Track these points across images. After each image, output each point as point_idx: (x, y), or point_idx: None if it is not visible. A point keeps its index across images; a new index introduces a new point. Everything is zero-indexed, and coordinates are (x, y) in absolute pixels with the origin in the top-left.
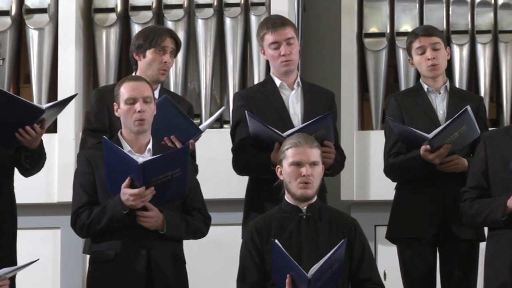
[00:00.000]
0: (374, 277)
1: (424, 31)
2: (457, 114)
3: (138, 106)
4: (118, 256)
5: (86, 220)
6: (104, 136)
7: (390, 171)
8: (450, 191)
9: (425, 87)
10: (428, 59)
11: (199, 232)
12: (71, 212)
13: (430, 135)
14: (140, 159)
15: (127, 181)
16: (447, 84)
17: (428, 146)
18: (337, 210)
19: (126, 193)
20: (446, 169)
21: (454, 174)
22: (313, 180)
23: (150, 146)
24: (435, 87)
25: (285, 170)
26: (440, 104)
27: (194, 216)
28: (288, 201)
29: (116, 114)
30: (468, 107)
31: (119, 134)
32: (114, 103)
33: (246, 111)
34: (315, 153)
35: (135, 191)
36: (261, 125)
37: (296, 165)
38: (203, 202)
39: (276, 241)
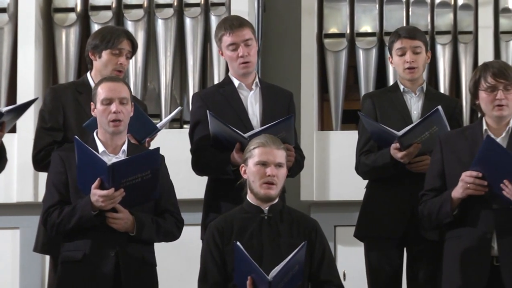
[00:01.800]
0: (334, 279)
1: (407, 33)
2: (428, 114)
3: (113, 107)
4: (86, 257)
5: (56, 220)
6: (76, 136)
7: (360, 169)
8: (418, 192)
9: (402, 87)
10: (407, 62)
11: (171, 235)
12: (43, 211)
13: (400, 133)
14: (114, 160)
15: (96, 182)
16: (424, 85)
17: (397, 144)
18: (298, 211)
19: (96, 194)
20: (415, 169)
21: (423, 174)
22: (277, 181)
23: (125, 147)
24: (411, 88)
25: (250, 169)
26: (414, 105)
27: (166, 219)
28: (250, 201)
29: (93, 113)
30: (439, 107)
31: (94, 134)
32: (91, 103)
33: (208, 111)
34: (281, 155)
35: (104, 192)
36: (223, 125)
37: (262, 164)
38: (176, 205)
39: (238, 243)
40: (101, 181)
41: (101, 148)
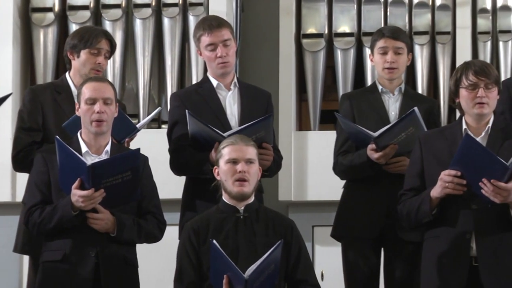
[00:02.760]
0: (310, 278)
1: (391, 33)
2: (404, 115)
3: (97, 107)
4: (66, 257)
5: (38, 219)
6: (57, 136)
7: (338, 169)
8: (396, 192)
9: (380, 87)
10: (387, 62)
11: (152, 236)
12: (24, 210)
13: (376, 134)
14: (97, 160)
15: (76, 183)
16: (402, 86)
17: (373, 145)
18: (274, 211)
19: (76, 194)
20: (393, 169)
21: (401, 175)
22: (249, 177)
23: (108, 147)
24: (389, 88)
25: (221, 169)
26: (392, 105)
27: (148, 220)
28: (226, 201)
29: (77, 113)
30: (415, 108)
31: (78, 134)
32: (76, 102)
33: (187, 111)
34: (250, 151)
35: (84, 192)
36: (202, 125)
37: (232, 162)
38: (159, 206)
39: (214, 241)
40: (82, 181)
41: (84, 148)
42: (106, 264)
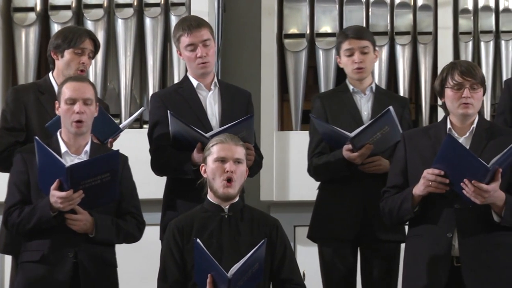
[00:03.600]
0: (295, 278)
1: (355, 33)
2: (379, 114)
3: (77, 107)
4: (45, 258)
5: (16, 219)
6: (36, 137)
7: (313, 170)
8: (371, 192)
9: (351, 87)
10: (355, 62)
11: (131, 236)
12: (4, 210)
13: (352, 134)
14: (76, 161)
15: (55, 184)
16: (373, 85)
17: (350, 146)
18: (259, 210)
19: (54, 195)
20: (368, 169)
21: (376, 175)
22: (236, 178)
23: (87, 148)
24: (360, 88)
25: (209, 167)
26: (364, 105)
27: (127, 220)
28: (211, 200)
29: (57, 112)
30: (391, 108)
31: (58, 134)
32: (56, 101)
33: (168, 111)
34: (239, 151)
35: (63, 194)
36: (184, 125)
37: (221, 161)
38: (139, 207)
39: (198, 240)
40: (60, 182)
41: (63, 148)
42: (84, 265)
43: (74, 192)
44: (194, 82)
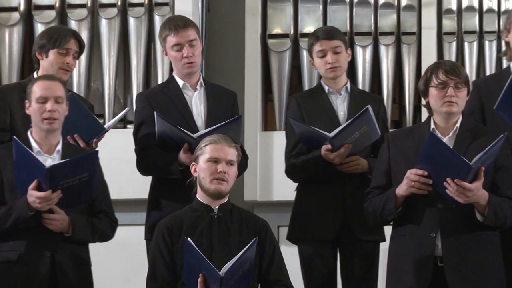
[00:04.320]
0: (283, 279)
1: (325, 34)
2: (358, 114)
3: (48, 106)
4: (22, 258)
5: None
6: (14, 137)
7: (291, 171)
8: (350, 192)
9: (326, 88)
10: (329, 63)
11: (105, 235)
12: None
13: (331, 134)
14: (49, 160)
15: (34, 184)
16: (348, 85)
17: (329, 146)
18: (247, 211)
19: (33, 195)
20: (346, 169)
21: (354, 174)
22: (228, 178)
23: (59, 147)
24: (335, 88)
25: (200, 167)
26: (340, 105)
27: (101, 219)
28: (200, 199)
29: (27, 112)
30: (369, 107)
31: (28, 133)
32: (26, 101)
33: (155, 112)
34: (232, 152)
35: (42, 194)
36: (171, 126)
37: (213, 161)
38: (111, 205)
39: (189, 239)
40: (39, 182)
41: (35, 147)
42: (62, 264)
43: (52, 192)
44: (180, 82)
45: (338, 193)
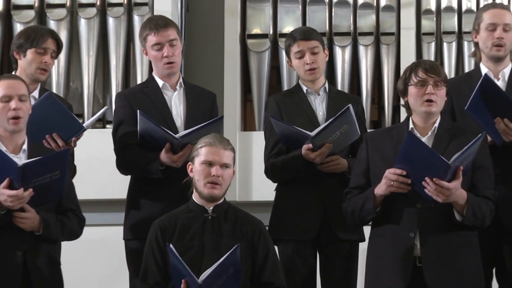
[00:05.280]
0: (277, 281)
1: (303, 35)
2: (339, 113)
3: (13, 104)
4: None
5: None
6: None
7: (271, 171)
8: (330, 192)
9: (304, 88)
10: (307, 64)
11: (74, 233)
12: None
13: (312, 133)
14: (15, 160)
15: (5, 182)
16: (326, 85)
17: (310, 145)
18: (244, 212)
19: (4, 194)
20: (326, 169)
21: (334, 174)
22: (222, 181)
23: (25, 146)
24: (314, 88)
25: (195, 168)
26: (319, 106)
27: (69, 217)
28: (195, 200)
29: None
30: (350, 106)
31: None
32: None
33: (138, 111)
34: (228, 155)
35: (13, 192)
36: (153, 125)
37: (208, 164)
38: (77, 203)
39: (171, 245)
40: (10, 181)
41: (1, 147)
42: (34, 263)
43: (24, 190)
44: (160, 82)
45: (318, 193)
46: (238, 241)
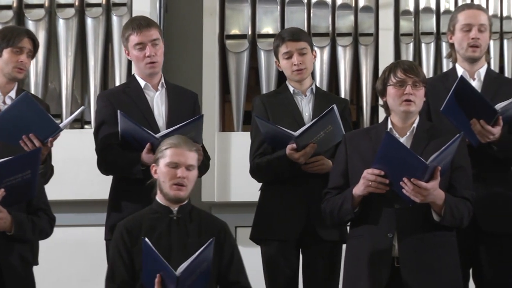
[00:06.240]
0: (242, 280)
1: (291, 36)
2: (323, 113)
3: None
4: None
5: None
6: None
7: (256, 171)
8: (314, 192)
9: (291, 89)
10: (295, 64)
11: (44, 232)
12: None
13: (296, 133)
14: None
15: None
16: (313, 86)
17: (294, 145)
18: (207, 213)
19: None
20: (311, 169)
21: (318, 175)
22: (188, 183)
23: None
24: (301, 89)
25: (160, 170)
26: (306, 106)
27: (40, 216)
28: (160, 201)
29: None
30: (334, 106)
31: None
32: None
33: (118, 111)
34: (192, 157)
35: None
36: (134, 125)
37: (173, 166)
38: (48, 203)
39: (146, 239)
40: None
41: None
42: (7, 263)
43: None
44: (142, 82)
45: (302, 194)
46: (204, 240)
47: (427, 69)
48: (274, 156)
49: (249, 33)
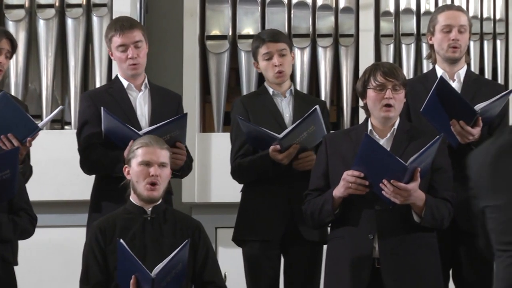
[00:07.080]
0: (217, 280)
1: (271, 37)
2: (307, 114)
3: None
4: None
5: None
6: None
7: (237, 172)
8: (296, 192)
9: (270, 90)
10: (275, 66)
11: (26, 232)
12: None
13: (281, 135)
14: None
15: None
16: (292, 88)
17: (277, 146)
18: (181, 212)
19: None
20: (301, 166)
21: (301, 174)
22: (161, 181)
23: None
24: (280, 91)
25: (133, 170)
26: (286, 108)
27: (21, 216)
28: (133, 202)
29: None
30: (317, 107)
31: None
32: None
33: (102, 108)
34: (164, 154)
35: None
36: (117, 122)
37: (145, 164)
38: (29, 202)
39: (121, 240)
40: None
41: None
42: None
43: None
44: (125, 83)
45: (285, 194)
46: (179, 240)
47: (408, 70)
48: (256, 157)
49: (230, 34)
